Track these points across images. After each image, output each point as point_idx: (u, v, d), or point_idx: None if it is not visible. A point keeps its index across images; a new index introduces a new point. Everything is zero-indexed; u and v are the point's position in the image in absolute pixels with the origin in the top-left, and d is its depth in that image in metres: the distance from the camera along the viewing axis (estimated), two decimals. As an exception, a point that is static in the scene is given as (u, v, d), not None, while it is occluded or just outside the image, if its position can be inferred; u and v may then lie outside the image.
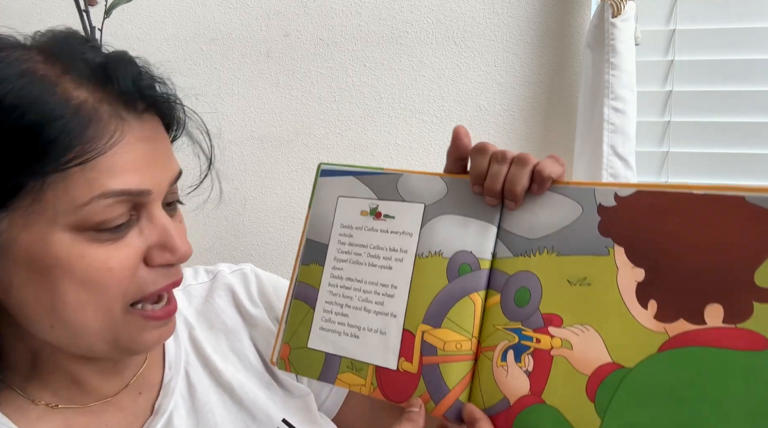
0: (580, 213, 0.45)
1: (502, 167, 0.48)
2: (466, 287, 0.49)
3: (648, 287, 0.41)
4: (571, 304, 0.44)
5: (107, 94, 0.45)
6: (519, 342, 0.46)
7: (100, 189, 0.43)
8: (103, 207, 0.43)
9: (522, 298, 0.46)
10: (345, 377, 0.52)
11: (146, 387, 0.56)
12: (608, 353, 0.42)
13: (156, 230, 0.47)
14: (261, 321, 0.63)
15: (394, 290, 0.51)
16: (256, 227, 1.27)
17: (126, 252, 0.45)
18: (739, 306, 0.38)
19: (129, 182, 0.44)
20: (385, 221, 0.53)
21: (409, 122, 1.17)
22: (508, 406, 0.45)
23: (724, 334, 0.38)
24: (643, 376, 0.40)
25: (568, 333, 0.44)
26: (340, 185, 0.56)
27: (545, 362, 0.44)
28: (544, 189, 0.47)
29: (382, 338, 0.51)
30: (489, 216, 0.49)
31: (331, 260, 0.55)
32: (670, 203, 0.42)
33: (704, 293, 0.39)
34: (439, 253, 0.50)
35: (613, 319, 0.42)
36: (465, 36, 1.13)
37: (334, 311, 0.53)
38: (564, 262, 0.45)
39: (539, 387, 0.44)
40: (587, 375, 0.42)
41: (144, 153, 0.46)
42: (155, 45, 1.23)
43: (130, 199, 0.45)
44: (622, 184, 0.45)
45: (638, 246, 0.42)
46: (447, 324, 0.48)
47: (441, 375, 0.48)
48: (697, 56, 1.04)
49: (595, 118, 1.01)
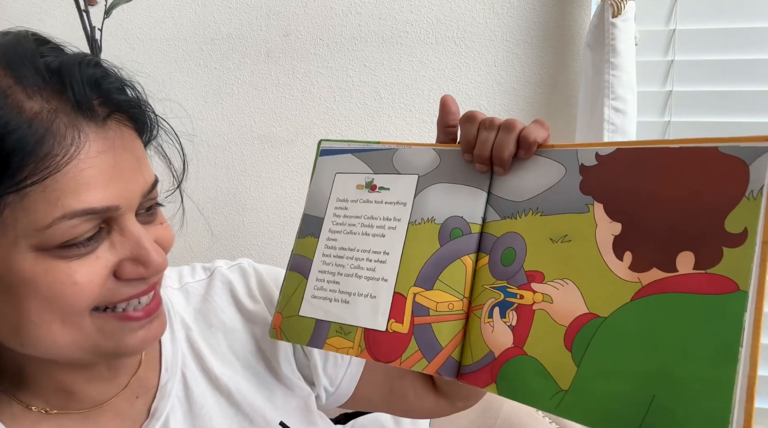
0: (563, 174, 0.47)
1: (490, 134, 0.49)
2: (457, 251, 0.51)
3: (624, 240, 0.43)
4: (552, 261, 0.46)
5: (63, 102, 0.41)
6: (504, 298, 0.48)
7: (62, 210, 0.39)
8: (67, 228, 0.40)
9: (508, 258, 0.49)
10: (333, 341, 0.53)
11: (143, 390, 0.55)
12: (585, 304, 0.43)
13: (128, 244, 0.44)
14: (261, 317, 0.63)
15: (386, 256, 0.53)
16: (256, 227, 1.27)
17: (94, 267, 0.42)
18: (710, 252, 0.39)
19: (93, 200, 0.41)
20: (380, 192, 0.55)
21: (409, 122, 1.17)
22: (493, 359, 0.47)
23: (695, 280, 0.39)
24: (617, 324, 0.41)
25: (548, 287, 0.46)
26: (338, 162, 0.59)
27: (527, 316, 0.46)
28: (530, 154, 0.49)
29: (372, 301, 0.53)
30: (479, 183, 0.52)
31: (326, 232, 0.57)
32: (647, 158, 0.43)
33: (677, 242, 0.40)
34: (432, 219, 0.52)
35: (590, 272, 0.44)
36: (465, 36, 1.13)
37: (326, 280, 0.55)
38: (547, 221, 0.47)
39: (521, 340, 0.46)
40: (565, 325, 0.44)
41: (108, 166, 0.42)
42: (155, 45, 1.23)
43: (97, 217, 0.42)
44: (604, 143, 0.46)
45: (616, 201, 0.44)
46: (439, 286, 0.51)
47: (434, 333, 0.50)
48: (697, 56, 1.04)
49: (595, 118, 1.01)
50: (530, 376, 0.44)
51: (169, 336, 0.58)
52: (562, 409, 0.42)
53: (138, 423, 0.54)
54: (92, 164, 0.41)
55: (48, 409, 0.50)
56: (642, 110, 1.04)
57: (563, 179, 0.47)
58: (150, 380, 0.56)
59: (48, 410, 0.50)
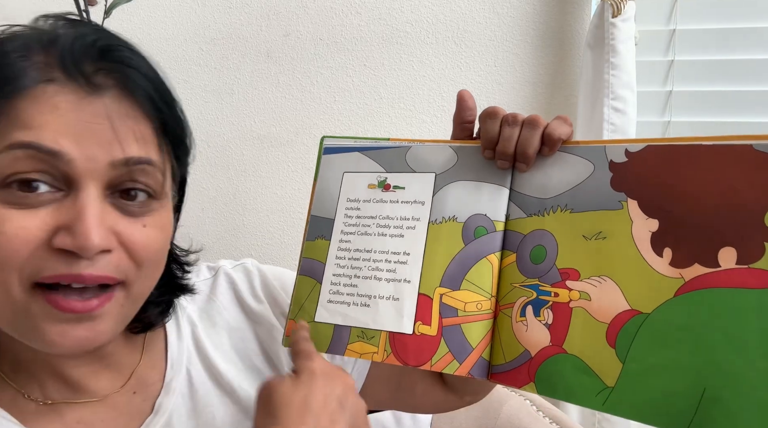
0: (592, 171, 0.47)
1: (514, 130, 0.49)
2: (482, 250, 0.50)
3: (662, 236, 0.43)
4: (587, 258, 0.46)
5: (53, 57, 0.42)
6: (537, 297, 0.47)
7: (8, 140, 0.40)
8: (10, 160, 0.40)
9: (538, 255, 0.48)
10: (355, 346, 0.52)
11: (142, 386, 0.55)
12: (626, 301, 0.43)
13: (72, 211, 0.41)
14: (265, 318, 0.63)
15: (407, 256, 0.52)
16: (256, 227, 1.27)
17: (28, 221, 0.41)
18: (751, 248, 0.39)
19: (43, 137, 0.40)
20: (394, 192, 0.54)
21: (409, 122, 1.17)
22: (529, 358, 0.47)
23: (738, 275, 0.40)
24: (662, 320, 0.42)
25: (585, 285, 0.46)
26: (345, 160, 0.57)
27: (564, 314, 0.46)
28: (554, 150, 0.49)
29: (395, 304, 0.52)
30: (500, 179, 0.51)
31: (338, 234, 0.55)
32: (679, 155, 0.43)
33: (717, 238, 0.41)
34: (454, 218, 0.52)
35: (629, 269, 0.44)
36: (465, 36, 1.13)
37: (342, 283, 0.54)
38: (578, 218, 0.47)
39: (560, 338, 0.46)
40: (606, 323, 0.44)
41: (77, 122, 0.41)
42: (155, 45, 1.23)
43: (46, 159, 0.41)
44: (632, 140, 0.46)
45: (651, 198, 0.44)
46: (466, 286, 0.50)
47: (464, 334, 0.49)
48: (697, 56, 1.04)
49: (595, 118, 1.01)
50: (572, 374, 0.44)
51: (175, 332, 0.59)
52: (610, 406, 0.42)
53: (139, 417, 0.54)
54: (57, 112, 0.41)
55: (50, 400, 0.50)
56: (642, 110, 1.04)
57: (592, 175, 0.47)
58: (151, 376, 0.56)
59: (50, 401, 0.50)
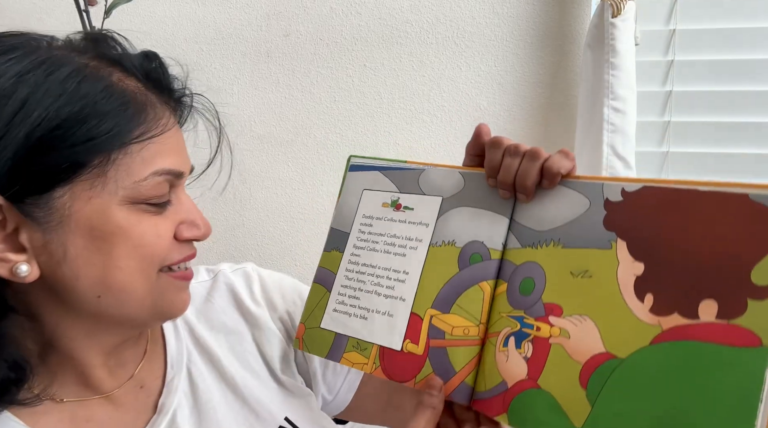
0: (587, 207, 0.47)
1: (514, 160, 0.50)
2: (476, 276, 0.51)
3: (646, 281, 0.42)
4: (571, 295, 0.45)
5: (150, 86, 0.51)
6: (520, 329, 0.47)
7: (154, 167, 0.48)
8: (155, 184, 0.48)
9: (526, 288, 0.48)
10: (350, 356, 0.54)
11: (147, 382, 0.56)
12: (603, 343, 0.43)
13: (183, 209, 0.52)
14: (263, 321, 0.63)
15: (405, 275, 0.53)
16: (256, 227, 1.27)
17: (167, 224, 0.50)
18: (734, 302, 0.38)
19: (174, 163, 0.50)
20: (404, 212, 0.56)
21: (409, 122, 1.17)
22: (505, 389, 0.46)
23: (717, 329, 0.38)
24: (635, 367, 0.41)
25: (566, 322, 0.45)
26: (365, 178, 0.59)
27: (543, 349, 0.45)
28: (553, 184, 0.49)
29: (389, 320, 0.53)
30: (502, 208, 0.51)
31: (351, 247, 0.58)
32: (674, 199, 0.42)
33: (700, 289, 0.40)
34: (452, 242, 0.52)
35: (609, 311, 0.43)
36: (465, 36, 1.13)
37: (347, 294, 0.56)
38: (568, 254, 0.46)
39: (536, 373, 0.45)
40: (581, 363, 0.43)
41: (179, 140, 0.52)
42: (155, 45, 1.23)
43: (171, 179, 0.50)
44: (630, 179, 0.46)
45: (640, 241, 0.43)
46: (456, 310, 0.50)
47: (448, 357, 0.50)
48: (697, 56, 1.04)
49: (595, 118, 1.01)
50: (543, 410, 0.44)
51: (172, 332, 0.59)
52: None
53: (144, 416, 0.55)
54: (174, 136, 0.51)
55: (59, 397, 0.51)
56: (642, 110, 1.04)
57: (587, 212, 0.46)
58: (155, 373, 0.57)
59: (59, 398, 0.51)
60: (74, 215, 0.46)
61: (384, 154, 1.18)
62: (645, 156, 1.07)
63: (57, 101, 0.44)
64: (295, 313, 0.65)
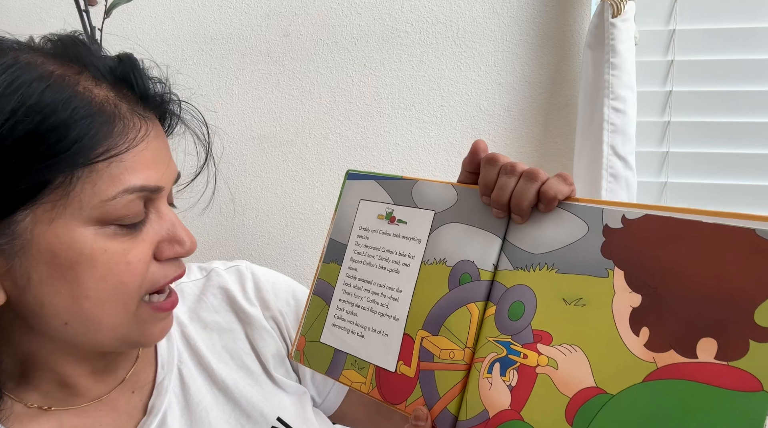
0: (585, 232, 0.44)
1: (510, 179, 0.47)
2: (464, 297, 0.49)
3: (643, 314, 0.40)
4: (563, 323, 0.43)
5: (124, 93, 0.47)
6: (506, 355, 0.45)
7: (124, 185, 0.44)
8: (126, 202, 0.44)
9: (516, 312, 0.46)
10: (348, 374, 0.53)
11: (139, 385, 0.56)
12: (593, 376, 0.40)
13: (164, 225, 0.49)
14: (256, 319, 0.63)
15: (399, 294, 0.52)
16: (256, 227, 1.27)
17: (141, 247, 0.47)
18: (735, 343, 0.36)
19: (148, 178, 0.46)
20: (398, 225, 0.54)
21: (409, 122, 1.17)
22: (486, 419, 0.44)
23: (715, 371, 0.36)
24: (625, 404, 0.38)
25: (555, 351, 0.43)
26: (362, 188, 0.58)
27: (529, 378, 0.43)
28: (550, 209, 0.46)
29: (384, 339, 0.52)
30: (495, 228, 0.49)
31: (348, 261, 0.56)
32: (677, 229, 0.40)
33: (700, 326, 0.37)
34: (443, 261, 0.50)
35: (602, 343, 0.41)
36: (465, 36, 1.13)
37: (345, 310, 0.55)
38: (562, 280, 0.44)
39: (520, 403, 0.43)
40: (569, 396, 0.41)
41: (157, 151, 0.47)
42: (155, 45, 1.23)
43: (147, 195, 0.46)
44: (632, 204, 0.43)
45: (638, 271, 0.41)
46: (443, 332, 0.49)
47: (435, 382, 0.48)
48: (697, 56, 1.04)
49: (595, 118, 1.01)
50: None
51: None
52: None
53: (135, 418, 0.54)
54: (148, 148, 0.46)
55: (46, 406, 0.51)
56: (642, 110, 1.04)
57: (584, 237, 0.44)
58: (146, 375, 0.57)
59: (46, 407, 0.50)
60: (35, 240, 0.43)
61: (384, 154, 1.18)
62: (645, 156, 1.07)
63: (14, 116, 0.41)
64: (288, 313, 0.65)
